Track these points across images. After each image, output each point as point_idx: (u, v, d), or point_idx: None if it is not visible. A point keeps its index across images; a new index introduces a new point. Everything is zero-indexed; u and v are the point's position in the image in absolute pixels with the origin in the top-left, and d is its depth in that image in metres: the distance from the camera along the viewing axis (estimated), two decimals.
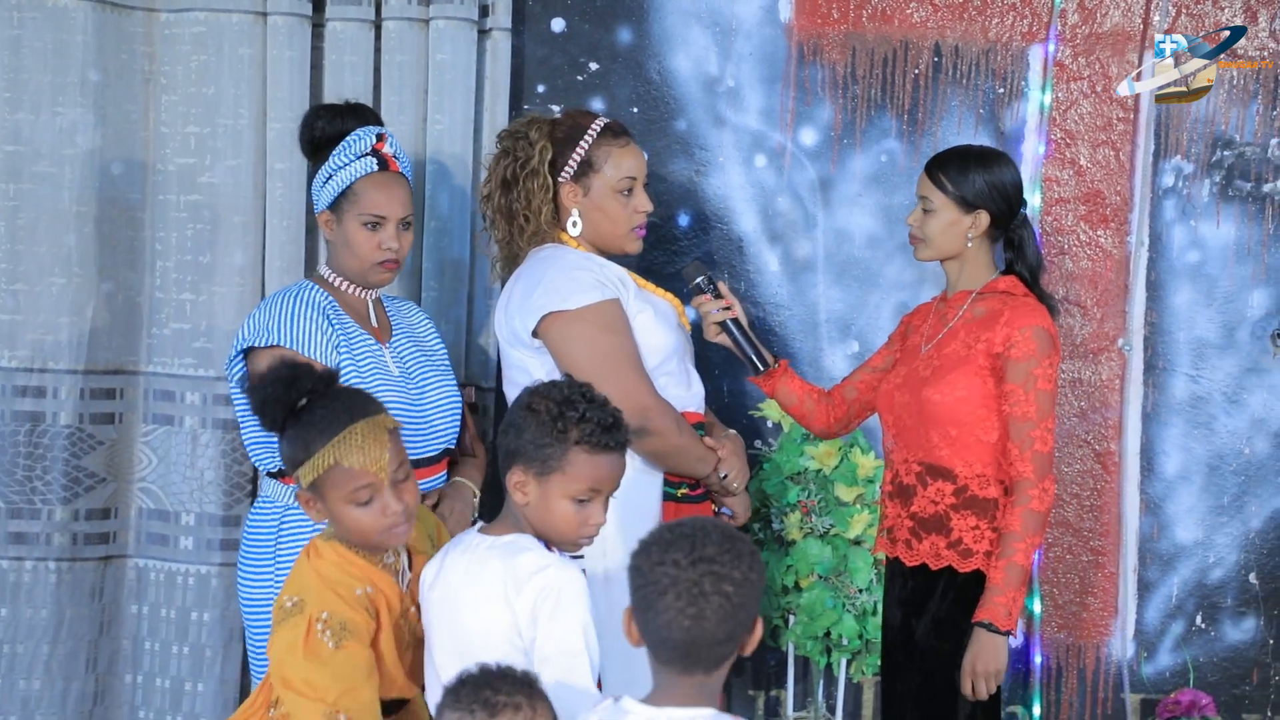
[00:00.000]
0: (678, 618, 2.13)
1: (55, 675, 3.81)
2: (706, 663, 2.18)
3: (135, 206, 3.87)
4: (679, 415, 3.30)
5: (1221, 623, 4.17)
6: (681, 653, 2.15)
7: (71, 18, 3.75)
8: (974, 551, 3.14)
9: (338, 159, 3.23)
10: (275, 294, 3.27)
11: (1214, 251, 4.12)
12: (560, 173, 3.34)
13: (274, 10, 3.79)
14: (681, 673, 2.18)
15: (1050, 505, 3.10)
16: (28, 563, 3.79)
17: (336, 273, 3.30)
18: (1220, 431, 4.15)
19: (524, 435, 2.52)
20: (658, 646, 2.18)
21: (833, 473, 3.84)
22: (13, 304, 3.78)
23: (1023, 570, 3.06)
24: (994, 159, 3.23)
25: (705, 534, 2.17)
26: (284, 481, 3.16)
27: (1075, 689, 4.16)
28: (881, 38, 4.08)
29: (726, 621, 2.14)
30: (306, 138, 3.32)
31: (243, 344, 3.19)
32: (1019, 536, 3.06)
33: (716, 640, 2.15)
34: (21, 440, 3.78)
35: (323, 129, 3.28)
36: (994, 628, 3.05)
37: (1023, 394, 3.10)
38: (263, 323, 3.18)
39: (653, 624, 2.16)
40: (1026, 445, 3.09)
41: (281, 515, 3.16)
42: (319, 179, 3.27)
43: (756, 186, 4.09)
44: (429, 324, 3.47)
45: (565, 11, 4.04)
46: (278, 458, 3.07)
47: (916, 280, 4.09)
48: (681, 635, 2.13)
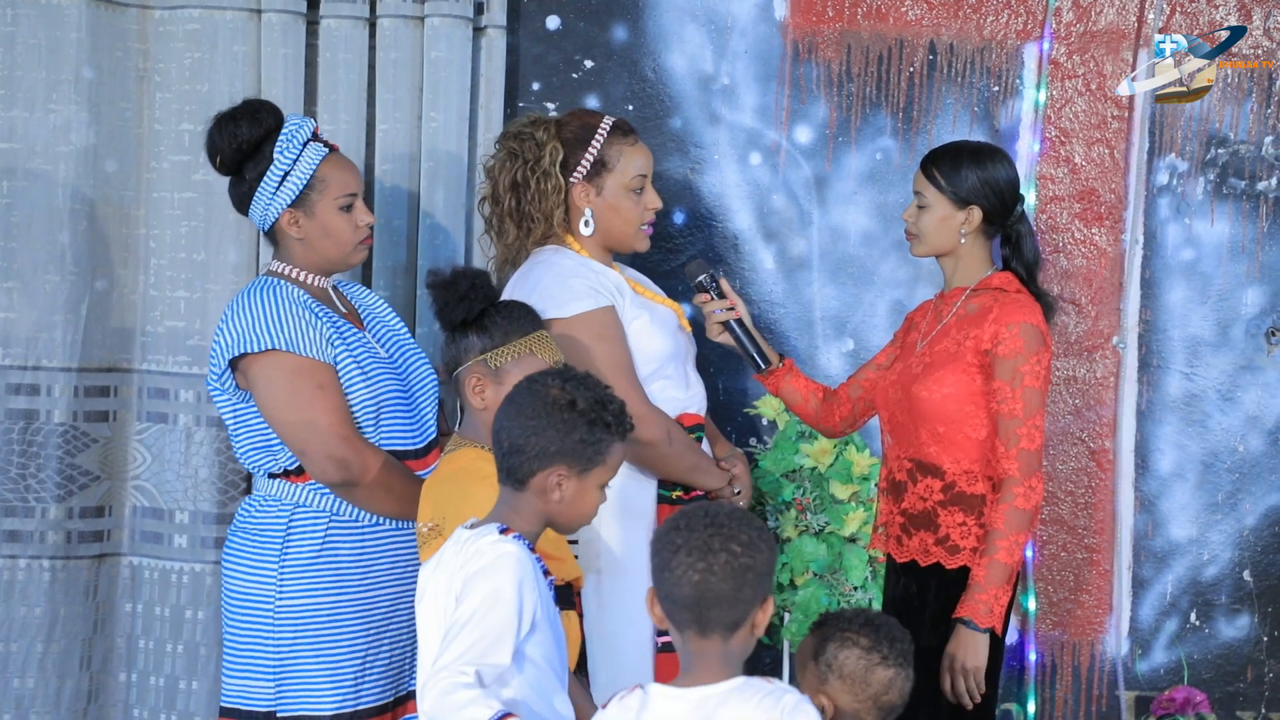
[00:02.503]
0: (687, 573, 2.26)
1: (49, 674, 3.80)
2: (720, 624, 2.28)
3: (129, 204, 3.86)
4: (672, 425, 3.29)
5: (1216, 620, 4.17)
6: (693, 611, 2.27)
7: (65, 14, 3.74)
8: (961, 548, 3.14)
9: (284, 155, 3.12)
10: (246, 296, 3.12)
11: (1208, 249, 4.13)
12: (572, 173, 3.34)
13: (268, 8, 3.79)
14: (699, 634, 2.28)
15: (1037, 503, 3.08)
16: (21, 561, 3.78)
17: (297, 267, 3.18)
18: (1214, 429, 4.15)
19: (572, 436, 2.51)
20: (674, 610, 2.29)
21: (828, 470, 3.84)
22: (6, 301, 3.77)
23: (1005, 568, 3.04)
24: (988, 154, 3.23)
25: (718, 508, 2.34)
26: (292, 480, 3.12)
27: (1070, 686, 4.17)
28: (876, 35, 4.08)
29: (734, 578, 2.26)
30: (231, 146, 3.12)
31: (232, 352, 3.07)
32: (1002, 534, 3.05)
33: (724, 597, 2.26)
34: (15, 438, 3.77)
35: (248, 134, 3.12)
36: (973, 624, 3.05)
37: (1009, 391, 3.09)
38: (250, 326, 3.06)
39: (667, 586, 2.29)
40: (1013, 443, 3.08)
41: (291, 512, 3.10)
42: (268, 182, 3.12)
43: (751, 184, 4.09)
44: (385, 304, 3.38)
45: (560, 9, 4.04)
46: (282, 459, 3.10)
47: (912, 278, 4.09)
48: (690, 590, 2.26)
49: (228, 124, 3.14)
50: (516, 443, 2.52)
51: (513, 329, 2.97)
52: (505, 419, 2.55)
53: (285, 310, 3.08)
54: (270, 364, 3.05)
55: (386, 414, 3.16)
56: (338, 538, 3.09)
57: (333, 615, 3.07)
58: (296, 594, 3.06)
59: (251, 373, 3.07)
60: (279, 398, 3.05)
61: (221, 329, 3.10)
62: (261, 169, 3.13)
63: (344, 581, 3.09)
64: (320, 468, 3.05)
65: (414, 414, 3.23)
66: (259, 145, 3.13)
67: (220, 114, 3.16)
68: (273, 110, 3.17)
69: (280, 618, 3.06)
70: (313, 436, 3.03)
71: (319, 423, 3.03)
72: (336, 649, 3.07)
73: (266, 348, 3.04)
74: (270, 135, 3.13)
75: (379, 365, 3.18)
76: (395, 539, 3.14)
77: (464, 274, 3.01)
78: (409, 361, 3.27)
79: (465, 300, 2.97)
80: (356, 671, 3.08)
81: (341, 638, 3.08)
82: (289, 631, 3.06)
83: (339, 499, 3.09)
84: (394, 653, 3.14)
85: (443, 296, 2.99)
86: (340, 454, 3.04)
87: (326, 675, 3.06)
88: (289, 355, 3.05)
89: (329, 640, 3.07)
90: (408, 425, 3.20)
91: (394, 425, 3.17)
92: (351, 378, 3.11)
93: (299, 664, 3.06)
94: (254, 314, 3.07)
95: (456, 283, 2.98)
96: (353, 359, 3.13)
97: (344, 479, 3.05)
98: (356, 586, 3.10)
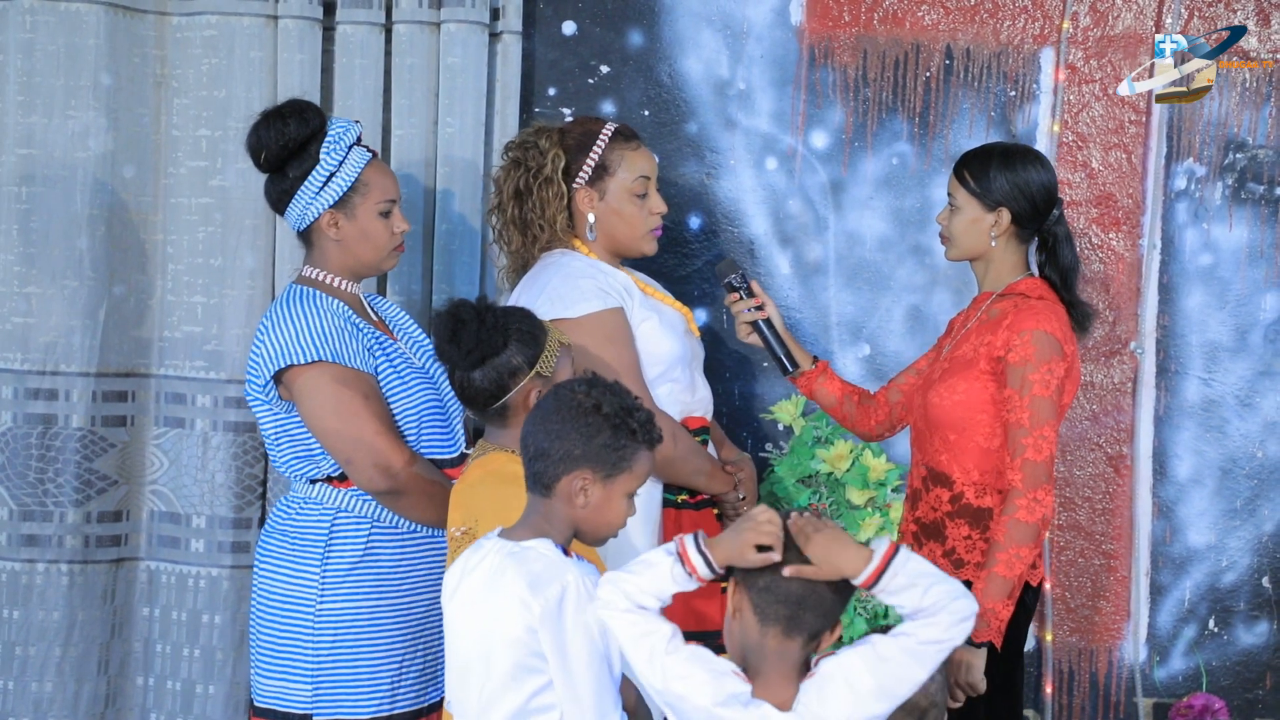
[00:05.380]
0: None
1: (67, 677, 3.82)
2: (808, 628, 2.33)
3: (147, 209, 3.88)
4: (678, 428, 3.29)
5: (1234, 626, 4.15)
6: (790, 610, 2.31)
7: (84, 22, 3.76)
8: (965, 562, 3.09)
9: (331, 157, 3.13)
10: (285, 308, 3.12)
11: (1226, 255, 4.11)
12: (574, 179, 3.34)
13: (285, 14, 3.80)
14: (784, 633, 2.32)
15: (1043, 516, 2.98)
16: (40, 565, 3.80)
17: (330, 272, 3.20)
18: (1233, 435, 4.14)
19: (596, 439, 2.51)
20: (767, 604, 2.33)
21: (844, 476, 3.83)
22: (25, 307, 3.79)
23: (1005, 581, 2.96)
24: (1019, 157, 3.16)
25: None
26: (335, 486, 3.12)
27: (1087, 693, 4.15)
28: (893, 40, 4.08)
29: (837, 589, 2.32)
30: (278, 144, 3.12)
31: (277, 364, 3.06)
32: (1002, 547, 2.97)
33: (824, 603, 2.32)
34: (34, 443, 3.79)
35: (295, 133, 3.12)
36: (969, 640, 2.96)
37: (1018, 399, 3.01)
38: (294, 338, 3.06)
39: (769, 578, 2.32)
40: (1018, 453, 3.00)
41: (333, 518, 3.10)
42: (312, 182, 3.14)
43: (767, 189, 4.09)
44: (408, 316, 3.39)
45: (576, 14, 4.05)
46: (324, 466, 3.11)
47: (928, 283, 4.08)
48: (799, 588, 2.30)
49: (275, 122, 3.14)
50: (541, 447, 2.52)
51: (539, 330, 2.94)
52: (531, 425, 2.56)
53: (327, 322, 3.09)
54: (315, 375, 3.05)
55: (426, 424, 3.17)
56: (380, 543, 3.11)
57: (372, 620, 3.08)
58: (338, 599, 3.07)
59: (297, 385, 3.07)
60: (325, 408, 3.05)
61: (262, 341, 3.10)
62: (306, 168, 3.14)
63: (384, 587, 3.10)
64: (366, 476, 3.05)
65: (449, 424, 3.24)
66: (305, 144, 3.14)
67: (266, 112, 3.17)
68: (318, 111, 3.19)
69: (321, 622, 3.07)
70: (359, 446, 3.04)
71: (365, 432, 3.04)
72: (375, 654, 3.08)
73: (312, 359, 3.05)
74: (316, 135, 3.15)
75: (416, 375, 3.20)
76: (433, 545, 3.16)
77: (465, 306, 2.89)
78: (440, 372, 3.28)
79: (485, 328, 2.86)
80: (393, 676, 3.09)
81: (380, 643, 3.09)
82: (328, 636, 3.07)
83: (381, 505, 3.10)
84: (429, 657, 3.15)
85: (464, 336, 2.85)
86: (386, 463, 3.04)
87: (364, 680, 3.08)
88: (334, 366, 3.05)
89: (367, 645, 3.08)
90: (444, 434, 3.22)
91: (432, 435, 3.19)
92: (392, 388, 3.13)
93: (337, 668, 3.07)
94: (296, 326, 3.07)
95: (465, 318, 2.86)
96: (393, 369, 3.15)
97: (390, 488, 3.06)
98: (396, 592, 3.11)
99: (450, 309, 2.89)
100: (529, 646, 2.45)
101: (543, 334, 2.93)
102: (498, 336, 2.87)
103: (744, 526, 2.35)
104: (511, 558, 2.50)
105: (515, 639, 2.45)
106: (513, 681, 2.45)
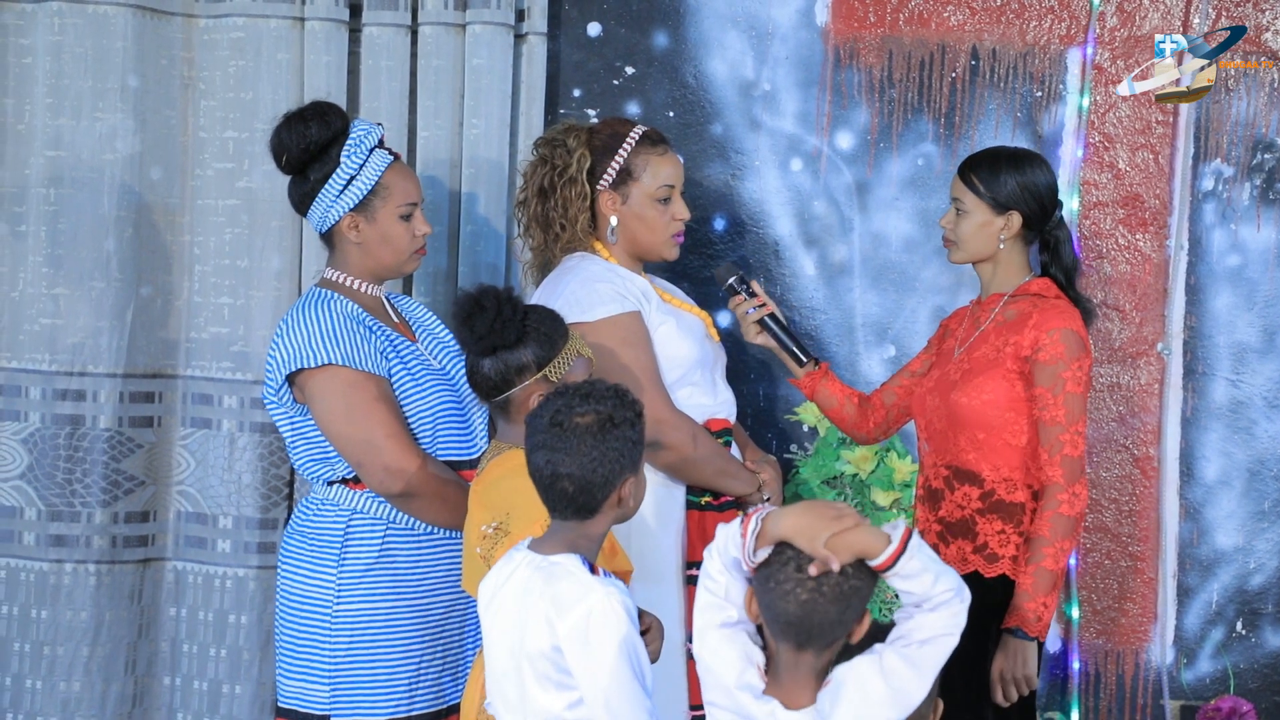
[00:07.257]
0: (795, 590, 2.27)
1: (95, 677, 3.84)
2: (819, 643, 2.30)
3: (174, 211, 3.89)
4: (697, 429, 3.28)
5: (1262, 629, 4.13)
6: (796, 628, 2.29)
7: (111, 24, 3.78)
8: (1000, 556, 3.12)
9: (351, 159, 3.13)
10: (301, 311, 3.13)
11: (1254, 255, 4.09)
12: (599, 181, 3.34)
13: (311, 16, 3.82)
14: (795, 648, 2.30)
15: (1081, 510, 3.06)
16: (68, 565, 3.82)
17: (351, 275, 3.20)
18: (1261, 436, 4.12)
19: (628, 445, 2.51)
20: (773, 622, 2.31)
21: (869, 477, 3.83)
22: (53, 308, 3.81)
23: (1052, 575, 3.03)
24: (1026, 160, 3.21)
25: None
26: (350, 487, 3.13)
27: (1114, 695, 4.14)
28: (918, 41, 4.07)
29: (840, 601, 2.28)
30: (300, 146, 3.12)
31: (289, 367, 3.08)
32: (1048, 541, 3.04)
33: (829, 619, 2.28)
34: (62, 443, 3.81)
35: (317, 135, 3.12)
36: (1022, 634, 3.04)
37: (1051, 398, 3.07)
38: (305, 341, 3.06)
39: (770, 598, 2.30)
40: (1056, 449, 3.06)
41: (349, 518, 3.11)
42: (333, 185, 3.14)
43: (792, 190, 4.09)
44: (433, 316, 3.38)
45: (601, 16, 4.05)
46: (340, 469, 3.11)
47: (954, 284, 4.07)
48: (797, 608, 2.27)
49: (297, 124, 3.14)
50: (583, 481, 2.48)
51: (557, 334, 2.95)
52: (559, 467, 2.48)
53: (340, 325, 3.09)
54: (327, 378, 3.06)
55: (441, 425, 3.17)
56: (395, 544, 3.10)
57: (389, 621, 3.08)
58: (354, 600, 3.07)
59: (309, 388, 3.08)
60: (336, 411, 3.06)
61: (277, 344, 3.11)
62: (327, 171, 3.14)
63: (401, 588, 3.10)
64: (377, 479, 3.06)
65: (467, 424, 3.24)
66: (326, 147, 3.14)
67: (289, 114, 3.17)
68: (340, 114, 3.19)
69: (337, 623, 3.08)
70: (369, 449, 3.04)
71: (375, 435, 3.04)
72: (392, 655, 3.08)
73: (323, 362, 3.05)
74: (338, 138, 3.15)
75: (432, 377, 3.19)
76: (450, 545, 3.15)
77: (489, 293, 2.91)
78: (460, 372, 3.27)
79: (502, 319, 2.89)
80: (411, 677, 3.09)
81: (397, 644, 3.08)
82: (345, 637, 3.07)
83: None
84: (447, 659, 3.15)
85: (479, 321, 2.89)
86: (397, 466, 3.04)
87: (381, 681, 3.07)
88: (345, 369, 3.05)
89: (385, 646, 3.08)
90: (461, 436, 3.21)
91: (448, 436, 3.18)
92: (406, 390, 3.13)
93: (354, 669, 3.07)
94: (309, 329, 3.08)
95: (486, 305, 2.89)
96: (406, 371, 3.15)
97: (401, 490, 3.06)
98: (413, 592, 3.11)
99: (475, 292, 2.91)
100: (557, 663, 2.45)
101: (561, 340, 2.93)
102: (512, 330, 2.88)
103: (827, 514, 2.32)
104: (539, 573, 2.50)
105: (542, 653, 2.46)
106: (543, 694, 2.45)
